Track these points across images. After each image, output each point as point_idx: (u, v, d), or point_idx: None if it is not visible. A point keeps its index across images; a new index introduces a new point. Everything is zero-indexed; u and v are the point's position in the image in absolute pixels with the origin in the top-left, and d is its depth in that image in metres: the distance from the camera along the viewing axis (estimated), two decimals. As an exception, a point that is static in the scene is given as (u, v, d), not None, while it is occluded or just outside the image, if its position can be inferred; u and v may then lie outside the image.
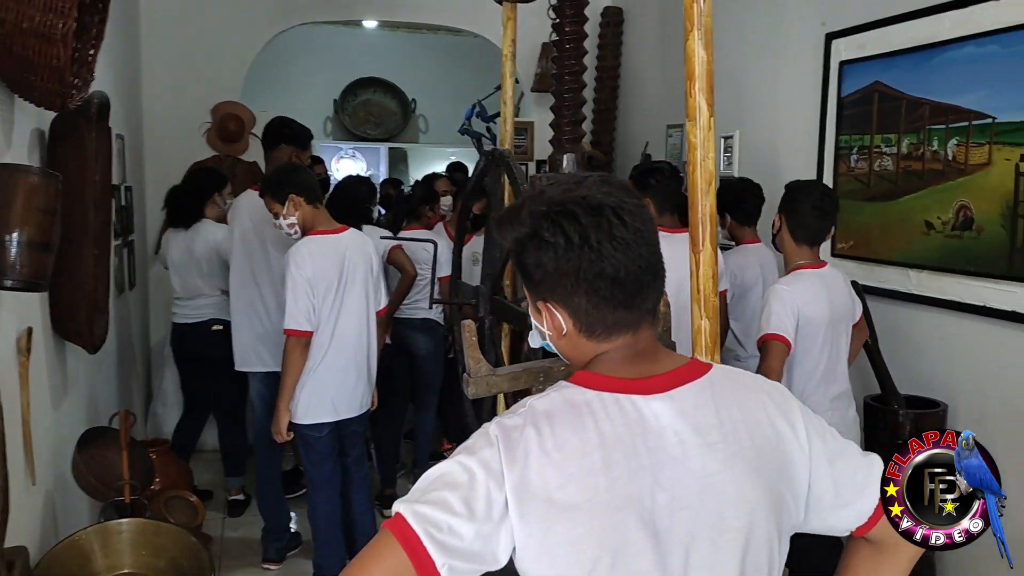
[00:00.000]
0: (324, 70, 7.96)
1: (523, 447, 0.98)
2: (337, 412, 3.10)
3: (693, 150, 1.80)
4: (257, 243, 3.49)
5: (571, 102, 2.68)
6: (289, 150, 3.53)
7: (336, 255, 3.08)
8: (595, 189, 1.01)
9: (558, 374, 2.22)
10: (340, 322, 3.09)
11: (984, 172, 2.85)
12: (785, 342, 2.56)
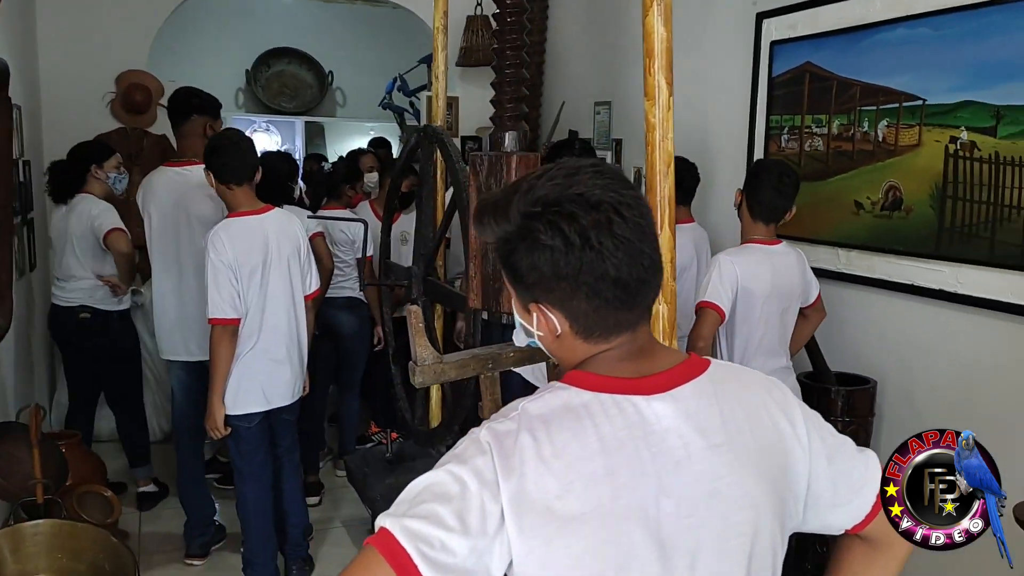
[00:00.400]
0: (235, 39, 7.62)
1: (519, 455, 0.91)
2: (268, 401, 2.96)
3: (652, 130, 1.75)
4: (182, 223, 3.29)
5: (513, 78, 2.59)
6: (201, 121, 3.33)
7: (259, 237, 2.91)
8: (591, 183, 0.94)
9: (507, 360, 2.16)
10: (267, 308, 2.94)
11: (914, 153, 2.90)
12: (718, 311, 2.66)
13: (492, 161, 2.56)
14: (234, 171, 2.87)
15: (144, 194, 3.34)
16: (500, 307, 2.65)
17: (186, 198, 3.25)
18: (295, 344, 3.01)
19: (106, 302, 3.70)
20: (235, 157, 2.87)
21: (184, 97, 3.34)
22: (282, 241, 2.97)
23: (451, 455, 0.94)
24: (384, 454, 3.49)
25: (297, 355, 3.02)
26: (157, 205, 3.28)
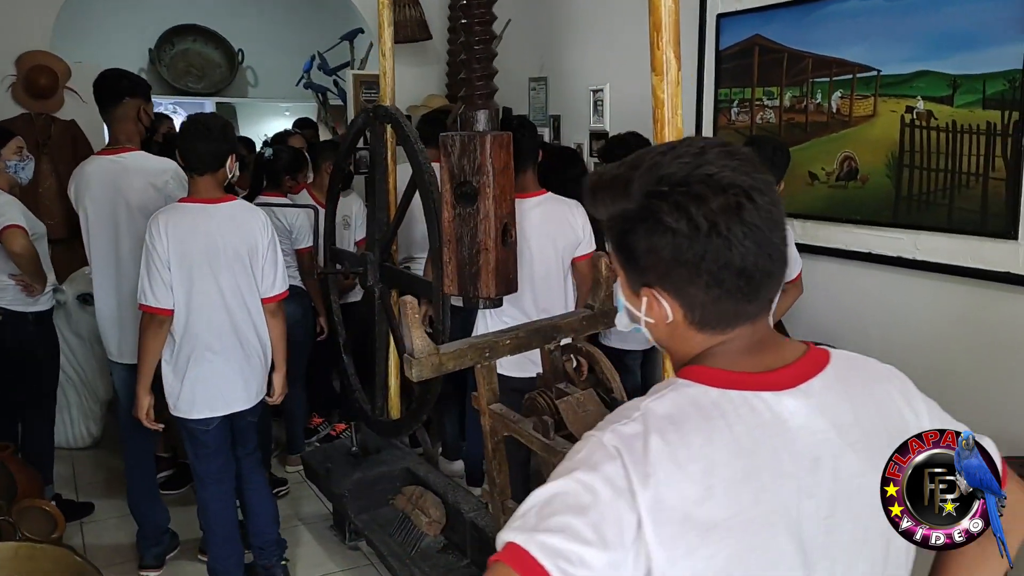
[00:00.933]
0: (137, 16, 7.18)
1: (652, 459, 0.85)
2: (227, 405, 2.79)
3: (660, 106, 1.71)
4: (120, 214, 3.04)
5: (482, 54, 2.50)
6: (134, 104, 3.08)
7: (201, 229, 2.69)
8: (721, 164, 0.87)
9: (504, 348, 2.10)
10: (209, 305, 2.73)
11: (869, 124, 2.96)
12: None
13: (465, 141, 2.48)
14: (196, 159, 2.67)
15: (77, 186, 3.08)
16: (477, 292, 2.58)
17: (124, 187, 3.01)
18: (249, 346, 2.81)
19: (19, 302, 3.36)
20: (200, 144, 2.65)
21: (113, 80, 3.08)
22: (232, 236, 2.73)
23: (574, 462, 0.88)
24: (346, 448, 3.38)
25: (257, 356, 2.84)
26: (92, 197, 3.04)
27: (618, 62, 4.29)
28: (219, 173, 2.74)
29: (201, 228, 2.69)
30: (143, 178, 3.01)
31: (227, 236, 2.72)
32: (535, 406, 2.05)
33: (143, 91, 3.12)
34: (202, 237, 2.69)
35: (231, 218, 2.75)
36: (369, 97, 5.58)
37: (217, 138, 2.70)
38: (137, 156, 3.07)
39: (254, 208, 2.86)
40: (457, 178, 2.51)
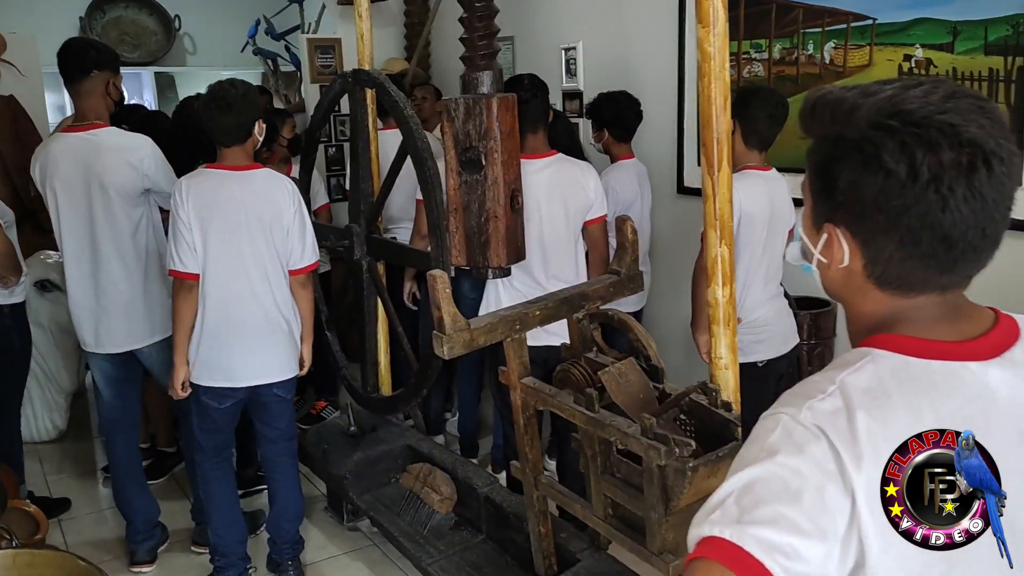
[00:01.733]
0: (64, -18, 6.76)
1: (862, 439, 0.78)
2: (245, 376, 2.66)
3: (708, 60, 1.62)
4: (95, 195, 2.81)
5: (483, 12, 2.38)
6: (102, 77, 2.85)
7: (224, 196, 2.58)
8: (971, 117, 0.78)
9: (533, 320, 2.02)
10: (236, 273, 2.61)
11: (864, 74, 2.93)
12: None
13: (469, 105, 2.37)
14: (220, 133, 2.56)
15: (42, 165, 2.85)
16: (487, 262, 2.49)
17: (97, 166, 2.79)
18: (271, 317, 2.67)
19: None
20: (222, 118, 2.53)
21: (79, 51, 2.84)
22: (256, 204, 2.61)
23: (768, 444, 0.79)
24: (340, 428, 3.27)
25: (278, 331, 2.69)
26: (61, 177, 2.80)
27: (591, 19, 4.19)
28: (247, 143, 2.64)
29: (224, 195, 2.59)
30: (118, 155, 2.80)
31: (251, 204, 2.60)
32: (570, 378, 1.98)
33: (111, 63, 2.90)
34: (225, 204, 2.58)
35: (255, 186, 2.63)
36: (325, 62, 5.37)
37: (239, 111, 2.57)
38: (110, 132, 2.85)
39: (281, 177, 2.71)
40: (462, 144, 2.40)
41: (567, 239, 2.75)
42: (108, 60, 2.89)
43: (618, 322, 2.03)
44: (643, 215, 3.46)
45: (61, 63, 2.85)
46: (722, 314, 1.76)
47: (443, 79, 5.47)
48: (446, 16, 5.39)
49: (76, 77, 2.82)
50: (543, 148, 2.79)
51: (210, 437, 2.79)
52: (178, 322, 2.61)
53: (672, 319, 3.63)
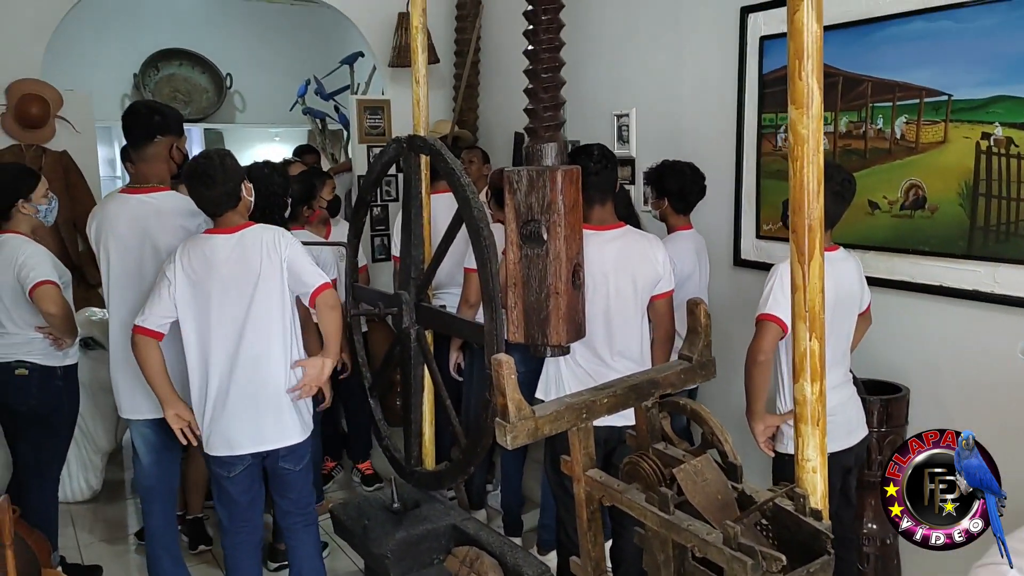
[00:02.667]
0: (124, 41, 6.92)
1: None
2: (249, 442, 2.61)
3: (802, 143, 1.52)
4: (147, 257, 2.80)
5: (550, 83, 2.32)
6: (166, 142, 2.85)
7: (215, 259, 2.57)
8: None
9: (601, 408, 1.90)
10: (230, 336, 2.58)
11: (939, 151, 2.82)
12: (781, 324, 2.46)
13: (532, 177, 2.29)
14: (207, 205, 2.57)
15: (98, 225, 2.83)
16: (546, 339, 2.38)
17: (152, 229, 2.78)
18: (270, 379, 2.62)
19: (49, 356, 3.13)
20: (206, 192, 2.52)
21: (144, 116, 2.84)
22: (244, 262, 2.58)
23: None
24: (381, 502, 3.14)
25: (280, 393, 2.63)
26: (117, 237, 2.79)
27: (645, 86, 4.13)
28: (239, 207, 2.63)
29: (219, 258, 2.58)
30: (175, 220, 2.80)
31: (242, 263, 2.59)
32: (639, 472, 1.85)
33: (176, 127, 2.90)
34: (219, 267, 2.57)
35: (244, 244, 2.60)
36: (374, 123, 5.39)
37: (222, 180, 2.55)
38: (169, 196, 2.84)
39: (267, 228, 2.66)
40: (524, 216, 2.32)
41: (634, 314, 2.65)
42: (172, 125, 2.88)
43: (691, 413, 1.90)
44: (701, 288, 3.36)
45: (125, 128, 2.87)
46: (810, 412, 1.62)
47: (490, 141, 5.46)
48: (492, 78, 5.40)
49: (140, 142, 2.83)
50: (611, 219, 2.71)
51: (226, 508, 2.73)
52: (147, 371, 2.57)
53: (725, 396, 3.48)
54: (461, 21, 5.38)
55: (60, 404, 3.17)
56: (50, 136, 4.51)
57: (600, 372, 2.68)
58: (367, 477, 4.36)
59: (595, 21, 4.31)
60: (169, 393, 2.60)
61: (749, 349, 2.50)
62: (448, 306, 3.64)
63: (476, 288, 3.27)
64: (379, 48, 5.33)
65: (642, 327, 2.70)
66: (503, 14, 5.25)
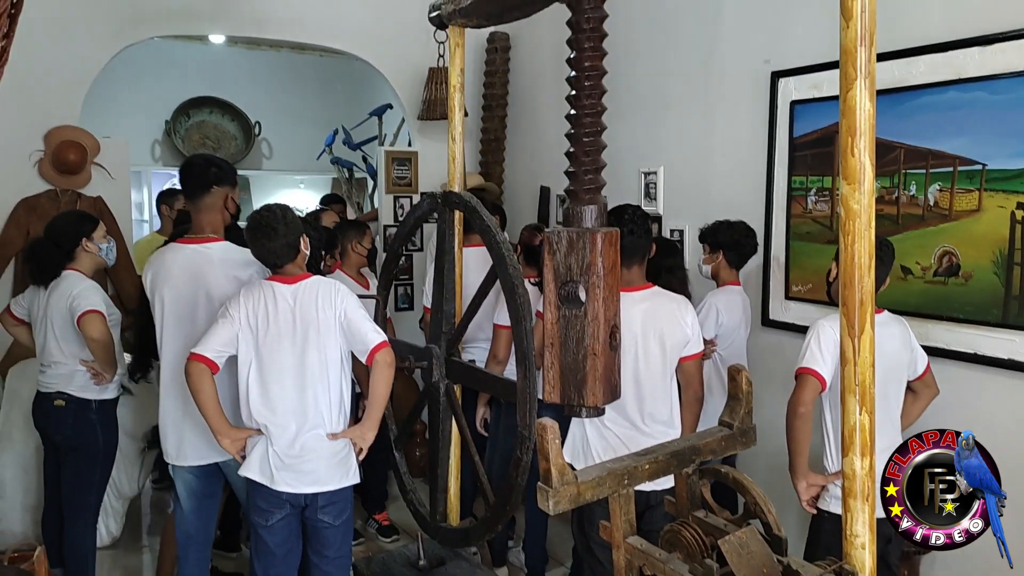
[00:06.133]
0: (153, 88, 7.07)
1: None
2: (291, 482, 2.63)
3: (854, 218, 1.54)
4: (200, 305, 2.87)
5: (592, 147, 2.35)
6: (221, 192, 2.96)
7: (273, 307, 2.66)
8: None
9: (642, 475, 1.89)
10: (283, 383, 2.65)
11: (973, 219, 2.83)
12: (819, 378, 2.50)
13: (573, 238, 2.31)
14: (267, 256, 2.66)
15: (154, 274, 2.92)
16: (582, 400, 2.38)
17: (207, 278, 2.87)
18: (318, 426, 2.66)
19: (87, 390, 3.24)
20: (267, 243, 2.62)
21: (201, 168, 2.95)
22: (305, 312, 2.66)
23: None
24: (406, 558, 3.11)
25: (323, 440, 2.66)
26: (172, 286, 2.87)
27: (674, 145, 4.18)
28: (298, 259, 2.72)
29: (272, 306, 2.66)
30: (228, 270, 2.88)
31: (299, 313, 2.66)
32: (680, 540, 1.83)
33: (230, 178, 3.01)
34: (274, 315, 2.65)
35: (303, 295, 2.68)
36: (401, 174, 5.45)
37: (283, 233, 2.65)
38: (224, 247, 2.94)
39: (323, 281, 2.73)
40: (562, 277, 2.33)
41: (663, 376, 2.64)
42: (227, 176, 3.00)
43: (733, 481, 1.89)
44: (742, 344, 3.37)
45: (183, 179, 3.00)
46: (860, 487, 1.61)
47: (515, 195, 5.51)
48: (519, 133, 5.47)
49: (197, 192, 2.93)
50: (639, 280, 2.72)
51: (261, 560, 2.72)
52: (200, 399, 2.58)
53: (753, 456, 3.45)
54: (489, 76, 5.47)
55: (94, 437, 3.28)
56: (86, 182, 4.59)
57: (629, 435, 2.67)
58: (384, 528, 4.32)
59: (626, 80, 4.37)
60: (222, 423, 2.63)
61: (790, 402, 2.52)
62: (476, 360, 3.65)
63: (505, 344, 3.28)
64: (408, 101, 5.42)
65: (671, 389, 2.70)
66: (530, 70, 5.34)
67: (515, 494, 2.67)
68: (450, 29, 3.12)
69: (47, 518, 3.50)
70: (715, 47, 3.89)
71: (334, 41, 5.24)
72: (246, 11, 4.92)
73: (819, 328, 2.54)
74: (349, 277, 4.12)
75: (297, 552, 2.75)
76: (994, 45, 2.74)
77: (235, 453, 2.68)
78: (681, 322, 2.67)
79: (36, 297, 3.30)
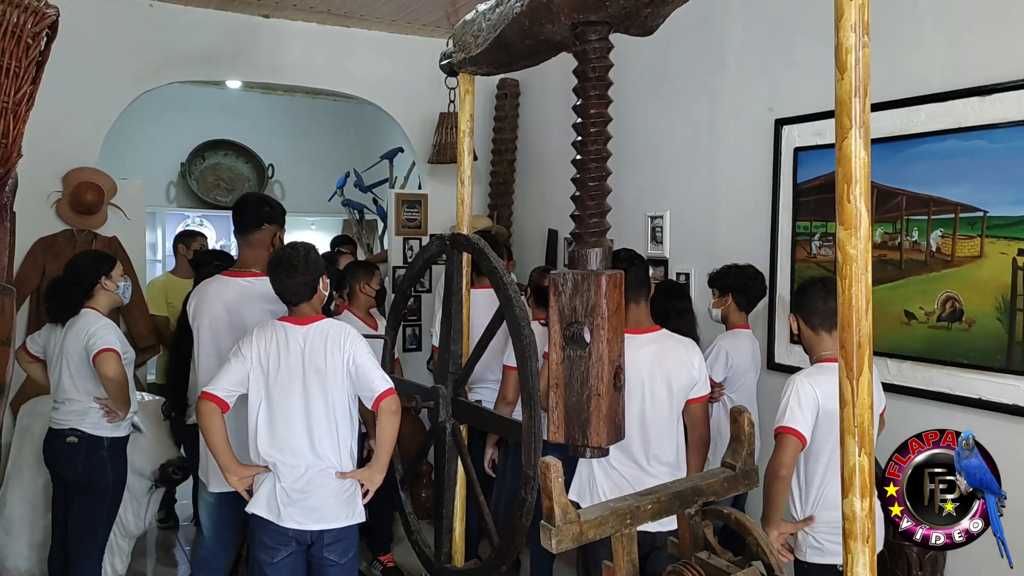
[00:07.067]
0: (169, 131, 7.22)
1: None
2: (299, 519, 2.65)
3: (851, 262, 1.57)
4: (237, 336, 2.95)
5: (597, 191, 2.40)
6: (271, 230, 3.12)
7: (285, 348, 2.70)
8: None
9: (644, 515, 1.90)
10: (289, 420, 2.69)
11: (975, 265, 2.86)
12: (799, 437, 2.47)
13: (578, 280, 2.35)
14: (286, 293, 2.72)
15: (197, 304, 3.07)
16: (587, 441, 2.39)
17: (246, 311, 2.99)
18: (327, 465, 2.70)
19: (99, 427, 3.31)
20: (287, 280, 2.69)
21: (255, 205, 3.13)
22: (314, 354, 2.71)
23: None
24: (410, 599, 3.10)
25: (331, 478, 2.70)
26: (211, 316, 3.00)
27: (679, 190, 4.24)
28: (313, 300, 2.77)
29: (283, 347, 2.71)
30: (264, 304, 2.99)
31: (308, 354, 2.71)
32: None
33: (280, 218, 3.17)
34: (283, 355, 2.70)
35: (313, 337, 2.73)
36: (411, 216, 5.53)
37: (303, 271, 2.72)
38: (263, 281, 3.02)
39: (335, 324, 2.78)
40: (567, 319, 2.36)
41: (669, 418, 2.66)
42: (277, 215, 3.14)
43: (735, 523, 1.90)
44: (752, 387, 3.39)
45: (236, 214, 3.13)
46: (860, 529, 1.62)
47: (523, 237, 5.58)
48: (527, 176, 5.55)
49: (248, 229, 3.08)
50: (647, 322, 2.76)
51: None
52: (210, 437, 2.63)
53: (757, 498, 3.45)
54: (499, 121, 5.57)
55: (104, 474, 3.33)
56: (102, 222, 4.68)
57: (636, 476, 2.68)
58: (388, 570, 4.30)
59: (633, 127, 4.46)
60: (231, 460, 2.67)
61: (770, 464, 2.49)
62: (483, 400, 3.68)
63: (514, 386, 3.31)
64: (419, 144, 5.52)
65: (677, 432, 2.71)
66: (539, 116, 5.44)
67: (519, 535, 2.68)
68: (460, 76, 3.19)
69: (53, 555, 3.52)
70: (720, 95, 3.97)
71: (347, 87, 5.37)
72: (263, 58, 5.05)
73: (796, 384, 2.51)
74: (357, 318, 4.16)
75: None
76: (993, 95, 2.80)
77: (242, 490, 2.70)
78: (688, 365, 2.70)
79: (52, 334, 3.36)
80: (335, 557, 2.70)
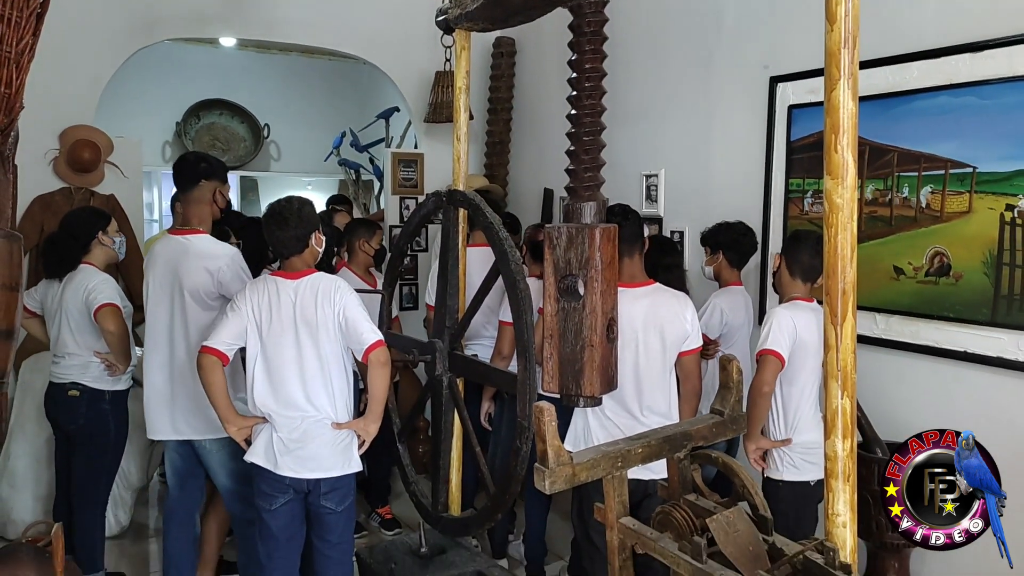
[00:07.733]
0: (165, 90, 7.19)
1: None
2: (295, 467, 2.72)
3: (836, 211, 1.62)
4: (175, 294, 3.06)
5: (591, 146, 2.44)
6: (210, 186, 3.16)
7: (277, 301, 2.75)
8: None
9: (635, 458, 1.97)
10: (283, 374, 2.75)
11: (963, 220, 2.90)
12: (779, 358, 2.76)
13: (572, 234, 2.39)
14: (278, 246, 2.76)
15: (146, 262, 3.16)
16: (580, 390, 2.46)
17: (182, 268, 3.05)
18: (322, 416, 2.76)
19: (100, 380, 3.37)
20: (278, 232, 2.72)
21: (191, 163, 3.16)
22: (305, 308, 2.75)
23: None
24: (408, 547, 3.19)
25: (327, 429, 2.76)
26: (155, 274, 3.09)
27: (674, 149, 4.26)
28: (305, 253, 2.80)
29: (274, 301, 2.76)
30: (199, 261, 3.05)
31: (299, 308, 2.75)
32: (671, 521, 1.91)
33: (220, 174, 3.20)
34: (275, 310, 2.75)
35: (304, 291, 2.77)
36: (407, 175, 5.54)
37: (295, 225, 2.75)
38: (201, 239, 3.12)
39: (325, 277, 2.81)
40: (562, 271, 2.41)
41: (662, 370, 2.73)
42: (216, 171, 3.17)
43: (723, 465, 1.96)
44: (746, 343, 3.45)
45: (175, 174, 3.16)
46: (841, 468, 1.68)
47: (519, 196, 5.60)
48: (523, 135, 5.56)
49: (186, 186, 3.11)
50: (640, 276, 2.81)
51: (265, 544, 2.81)
52: (211, 391, 2.68)
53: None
54: (495, 80, 5.56)
55: (106, 427, 3.40)
56: (99, 180, 4.69)
57: (629, 426, 2.75)
58: (386, 521, 4.40)
59: (628, 85, 4.46)
60: (230, 412, 2.73)
61: (753, 382, 2.76)
62: (479, 356, 3.73)
63: (510, 341, 3.36)
64: (415, 104, 5.51)
65: (670, 383, 2.79)
66: (535, 75, 5.43)
67: (514, 483, 2.75)
68: (456, 33, 3.20)
69: (58, 507, 3.60)
70: (715, 53, 3.98)
71: (343, 45, 5.35)
72: (257, 14, 5.03)
73: (776, 314, 2.80)
74: (356, 275, 4.20)
75: (300, 538, 2.83)
76: (985, 51, 2.82)
77: (240, 440, 2.77)
78: (681, 318, 2.76)
79: (50, 290, 3.40)
80: (332, 505, 2.78)
